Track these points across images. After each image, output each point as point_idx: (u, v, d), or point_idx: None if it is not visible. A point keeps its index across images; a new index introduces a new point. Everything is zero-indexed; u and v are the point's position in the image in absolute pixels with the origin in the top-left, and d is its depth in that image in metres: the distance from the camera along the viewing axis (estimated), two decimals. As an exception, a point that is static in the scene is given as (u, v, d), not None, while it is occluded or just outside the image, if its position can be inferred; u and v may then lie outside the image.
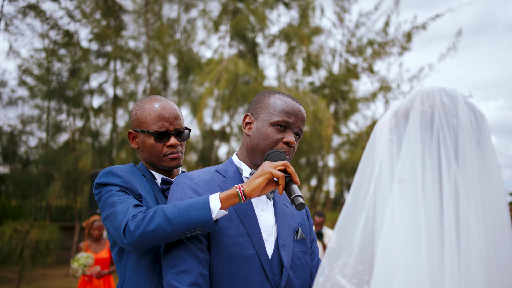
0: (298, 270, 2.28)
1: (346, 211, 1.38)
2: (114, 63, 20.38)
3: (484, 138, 1.31)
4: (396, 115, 1.37)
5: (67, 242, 18.82)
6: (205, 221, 2.05)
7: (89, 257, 7.82)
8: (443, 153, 1.26)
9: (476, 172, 1.25)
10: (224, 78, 16.13)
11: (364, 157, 1.40)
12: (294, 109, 2.32)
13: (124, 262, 2.42)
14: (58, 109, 19.92)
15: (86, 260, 7.75)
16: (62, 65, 19.68)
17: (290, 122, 2.30)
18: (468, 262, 1.19)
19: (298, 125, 2.33)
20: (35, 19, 19.33)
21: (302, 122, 2.36)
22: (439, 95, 1.32)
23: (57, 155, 18.86)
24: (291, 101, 2.35)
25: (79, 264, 7.68)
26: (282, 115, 2.29)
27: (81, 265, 7.69)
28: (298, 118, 2.33)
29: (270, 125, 2.29)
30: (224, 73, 16.24)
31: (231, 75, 16.55)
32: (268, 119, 2.30)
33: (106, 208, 2.32)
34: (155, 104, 2.57)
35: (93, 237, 8.26)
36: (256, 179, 2.08)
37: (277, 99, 2.34)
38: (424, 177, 1.25)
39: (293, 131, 2.32)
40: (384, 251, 1.22)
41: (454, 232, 1.21)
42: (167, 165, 2.54)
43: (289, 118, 2.29)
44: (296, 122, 2.32)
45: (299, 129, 2.34)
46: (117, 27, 19.80)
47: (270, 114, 2.31)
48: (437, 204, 1.23)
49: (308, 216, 2.56)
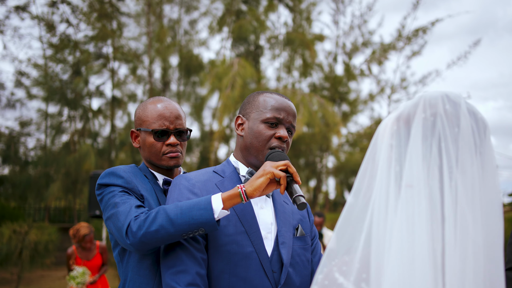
0: (298, 267, 2.29)
1: (346, 212, 1.39)
2: (112, 64, 20.38)
3: (484, 147, 1.32)
4: (398, 120, 1.38)
5: (66, 244, 18.76)
6: (208, 221, 2.06)
7: (85, 273, 7.70)
8: (445, 161, 1.27)
9: (476, 181, 1.27)
10: (238, 83, 16.13)
11: (366, 159, 1.41)
12: (283, 105, 2.35)
13: (126, 262, 2.43)
14: (58, 111, 19.92)
15: (83, 278, 7.65)
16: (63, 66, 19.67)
17: (281, 118, 2.32)
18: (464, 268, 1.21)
19: (289, 120, 2.36)
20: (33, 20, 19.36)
21: (293, 117, 2.38)
22: (442, 103, 1.33)
23: (57, 156, 18.85)
24: (280, 98, 2.38)
25: (76, 283, 7.59)
26: (273, 112, 2.32)
27: (79, 283, 7.61)
28: (288, 113, 2.35)
29: (261, 123, 2.32)
30: (238, 78, 16.23)
31: (243, 79, 16.56)
32: (259, 117, 2.33)
33: (108, 208, 2.32)
34: (158, 104, 2.59)
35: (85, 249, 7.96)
36: (258, 179, 2.10)
37: (266, 97, 2.38)
38: (425, 185, 1.26)
39: (285, 126, 2.35)
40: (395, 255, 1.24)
41: (454, 240, 1.22)
42: (165, 164, 2.55)
43: (279, 114, 2.32)
44: (287, 117, 2.35)
45: (290, 124, 2.37)
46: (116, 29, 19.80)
47: (261, 112, 2.34)
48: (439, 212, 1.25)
49: (308, 213, 2.57)
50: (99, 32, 19.30)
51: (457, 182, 1.26)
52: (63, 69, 19.63)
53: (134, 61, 19.89)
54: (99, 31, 19.26)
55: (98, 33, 19.39)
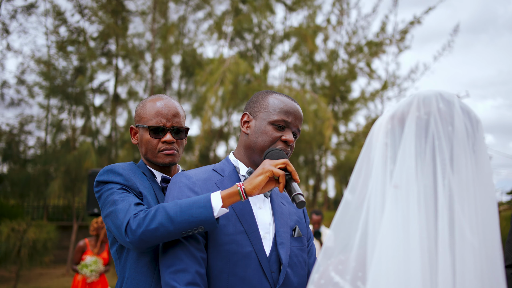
0: (295, 267, 2.29)
1: (342, 209, 1.40)
2: (116, 61, 20.39)
3: (478, 145, 1.32)
4: (392, 119, 1.38)
5: (65, 242, 18.79)
6: (207, 219, 2.06)
7: (97, 261, 7.77)
8: (438, 160, 1.27)
9: (470, 179, 1.27)
10: (228, 78, 16.12)
11: (361, 158, 1.42)
12: (292, 109, 2.36)
13: (124, 260, 2.43)
14: (60, 107, 19.90)
15: (97, 266, 7.71)
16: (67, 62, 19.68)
17: (289, 122, 2.33)
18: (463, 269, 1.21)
19: (296, 124, 2.36)
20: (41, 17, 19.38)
21: (299, 121, 2.39)
22: (436, 101, 1.33)
23: (57, 154, 18.84)
24: (289, 101, 2.38)
25: (90, 271, 7.64)
26: (281, 115, 2.32)
27: (92, 271, 7.66)
28: (296, 118, 2.36)
29: (269, 124, 2.32)
30: (228, 73, 16.23)
31: (234, 75, 16.55)
32: (267, 118, 2.33)
33: (107, 206, 2.33)
34: (157, 101, 2.61)
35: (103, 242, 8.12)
36: (257, 177, 2.10)
37: (276, 99, 2.38)
38: (418, 184, 1.26)
39: (291, 130, 2.35)
40: (378, 256, 1.24)
41: (447, 239, 1.22)
42: (161, 161, 2.56)
43: (288, 118, 2.33)
44: (295, 121, 2.35)
45: (297, 128, 2.38)
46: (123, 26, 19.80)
47: (269, 113, 2.34)
48: (431, 211, 1.25)
49: (305, 214, 2.59)
50: (105, 28, 19.30)
51: (451, 181, 1.26)
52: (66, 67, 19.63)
53: (136, 58, 19.89)
54: (105, 27, 19.25)
55: (104, 30, 19.39)
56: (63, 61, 19.75)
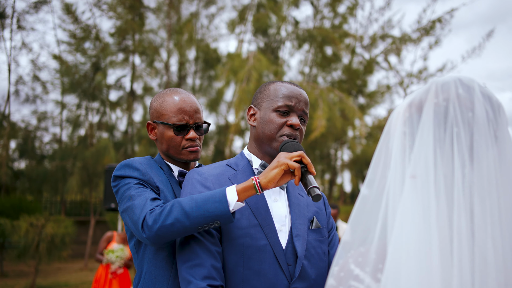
0: (313, 259, 2.27)
1: (360, 204, 1.37)
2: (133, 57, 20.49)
3: (501, 131, 1.27)
4: (410, 107, 1.34)
5: (82, 236, 19.01)
6: (223, 213, 2.05)
7: (124, 249, 7.73)
8: (456, 149, 1.22)
9: (492, 170, 1.22)
10: (253, 77, 16.09)
11: (379, 148, 1.38)
12: (294, 92, 2.33)
13: (142, 254, 2.44)
14: (78, 104, 20.07)
15: (123, 252, 7.67)
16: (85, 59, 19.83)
17: (292, 105, 2.30)
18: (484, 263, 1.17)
19: (300, 107, 2.33)
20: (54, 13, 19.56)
21: (305, 104, 2.35)
22: (455, 87, 1.29)
23: (74, 150, 19.01)
24: (291, 86, 2.36)
25: (116, 256, 7.60)
26: (284, 100, 2.30)
27: (118, 257, 7.61)
28: (299, 101, 2.33)
29: (272, 111, 2.31)
30: (253, 72, 16.20)
31: (258, 73, 16.52)
32: (270, 106, 2.32)
33: (124, 201, 2.33)
34: (176, 96, 2.58)
35: None
36: (272, 170, 2.09)
37: (277, 86, 2.37)
38: (436, 174, 1.22)
39: (297, 114, 2.33)
40: (395, 247, 1.22)
41: (464, 230, 1.18)
42: (185, 158, 2.56)
43: (291, 101, 2.30)
44: (298, 104, 2.32)
45: (302, 111, 2.34)
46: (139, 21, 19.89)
47: (272, 101, 2.32)
48: (448, 202, 1.21)
49: (325, 205, 2.55)
50: (122, 24, 19.40)
51: (470, 172, 1.22)
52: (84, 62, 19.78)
53: (152, 54, 19.95)
54: (123, 23, 19.35)
55: (121, 25, 19.49)
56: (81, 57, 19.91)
